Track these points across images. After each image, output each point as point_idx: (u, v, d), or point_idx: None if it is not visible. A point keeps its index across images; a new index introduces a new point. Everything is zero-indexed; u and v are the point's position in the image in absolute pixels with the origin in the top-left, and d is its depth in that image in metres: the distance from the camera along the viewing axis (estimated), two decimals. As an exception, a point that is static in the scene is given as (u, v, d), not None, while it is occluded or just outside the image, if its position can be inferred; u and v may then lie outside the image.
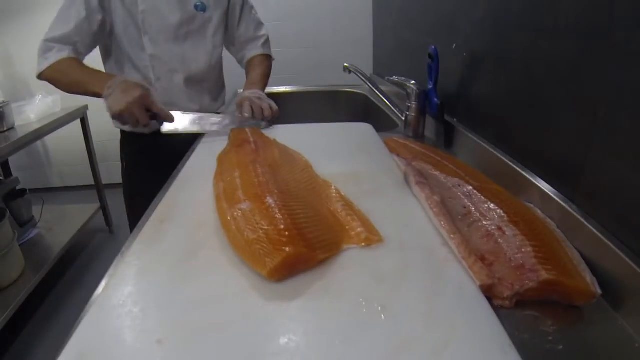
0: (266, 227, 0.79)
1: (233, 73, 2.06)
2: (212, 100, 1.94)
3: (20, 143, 2.59)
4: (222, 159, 1.23)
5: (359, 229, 0.84)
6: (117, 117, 1.37)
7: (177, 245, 0.83)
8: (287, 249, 0.72)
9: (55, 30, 1.56)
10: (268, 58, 2.00)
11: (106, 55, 1.76)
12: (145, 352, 0.58)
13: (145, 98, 1.37)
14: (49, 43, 1.55)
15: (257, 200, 0.88)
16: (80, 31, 1.57)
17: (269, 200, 0.86)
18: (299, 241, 0.74)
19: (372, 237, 0.82)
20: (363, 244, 0.81)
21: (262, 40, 1.98)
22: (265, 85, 1.88)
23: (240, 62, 2.04)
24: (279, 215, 0.81)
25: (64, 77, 1.55)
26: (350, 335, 0.59)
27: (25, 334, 2.51)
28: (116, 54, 1.71)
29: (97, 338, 0.61)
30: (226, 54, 2.00)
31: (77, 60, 1.58)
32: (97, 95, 1.44)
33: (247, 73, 1.93)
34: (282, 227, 0.77)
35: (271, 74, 1.97)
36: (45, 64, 1.54)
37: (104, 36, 1.66)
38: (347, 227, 0.86)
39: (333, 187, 1.01)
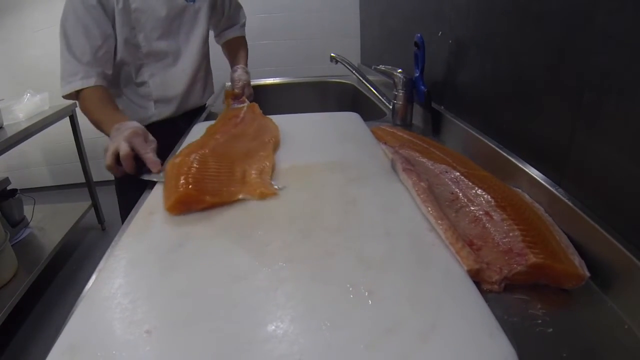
0: (179, 175, 0.98)
1: (222, 67, 2.07)
2: (203, 90, 1.96)
3: (10, 143, 2.57)
4: (208, 129, 1.42)
5: (256, 185, 1.00)
6: (106, 157, 1.21)
7: (165, 236, 0.84)
8: (180, 190, 0.92)
9: (76, 53, 1.51)
10: (245, 39, 2.16)
11: None
12: (135, 342, 0.58)
13: (134, 135, 1.22)
14: (75, 64, 1.51)
15: (188, 155, 1.08)
16: (101, 58, 1.55)
17: (193, 156, 1.07)
18: (192, 186, 0.94)
19: (266, 192, 0.97)
20: (257, 197, 0.96)
21: (241, 23, 2.12)
22: (247, 61, 2.07)
23: (216, 40, 2.15)
24: (193, 167, 1.02)
25: (89, 114, 1.52)
26: (337, 321, 0.59)
27: (20, 335, 2.50)
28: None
29: (87, 330, 0.61)
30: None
31: (101, 91, 1.54)
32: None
33: (230, 51, 2.11)
34: (188, 175, 0.98)
35: (260, 66, 2.01)
36: (68, 89, 1.52)
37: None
38: (251, 183, 1.02)
39: (269, 156, 1.15)
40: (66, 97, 1.57)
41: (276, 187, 1.00)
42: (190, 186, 0.94)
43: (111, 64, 1.61)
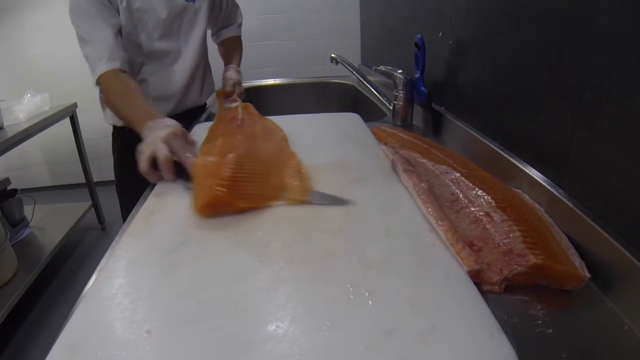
0: (213, 175, 0.94)
1: (221, 66, 2.07)
2: (201, 88, 1.97)
3: (10, 143, 2.57)
4: (212, 129, 1.39)
5: (293, 189, 0.98)
6: (141, 161, 1.10)
7: (166, 237, 0.84)
8: (214, 193, 0.88)
9: (97, 39, 1.49)
10: (240, 39, 2.17)
11: None
12: (135, 342, 0.58)
13: (174, 137, 1.12)
14: (98, 50, 1.48)
15: (223, 155, 1.02)
16: (121, 45, 1.54)
17: (229, 156, 1.01)
18: (228, 190, 0.90)
19: (298, 198, 0.94)
20: (289, 203, 0.94)
21: (238, 22, 2.13)
22: (240, 61, 2.09)
23: (213, 39, 2.16)
24: (229, 168, 0.96)
25: (114, 107, 1.48)
26: (338, 321, 0.59)
27: (20, 335, 2.50)
28: None
29: (87, 330, 0.61)
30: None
31: (126, 78, 1.49)
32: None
33: (225, 50, 2.13)
34: (222, 177, 0.93)
35: (260, 67, 2.02)
36: (98, 72, 1.47)
37: None
38: (287, 188, 0.99)
39: (296, 158, 1.13)
40: (98, 83, 1.51)
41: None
42: (224, 189, 0.90)
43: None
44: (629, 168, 0.70)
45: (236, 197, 0.90)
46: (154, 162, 1.09)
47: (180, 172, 1.08)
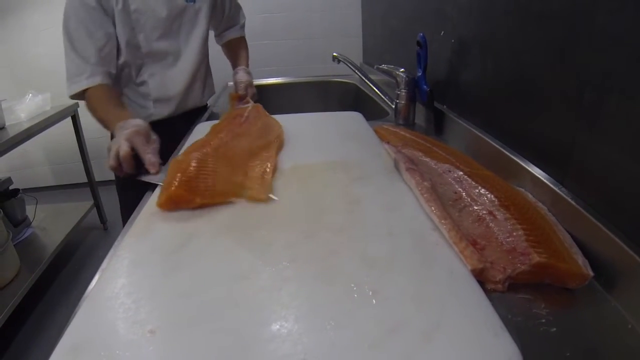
0: (175, 172, 0.99)
1: (223, 68, 2.07)
2: (202, 90, 1.97)
3: (12, 143, 2.57)
4: (213, 127, 1.40)
5: (253, 187, 1.01)
6: (109, 157, 1.20)
7: (168, 236, 0.84)
8: (171, 189, 0.93)
9: (81, 53, 1.52)
10: (245, 40, 2.18)
11: None
12: (138, 342, 0.58)
13: (136, 134, 1.22)
14: (80, 64, 1.53)
15: (189, 154, 1.09)
16: (106, 58, 1.57)
17: (193, 154, 1.07)
18: (184, 186, 0.94)
19: (259, 196, 0.96)
20: (249, 200, 0.96)
21: (241, 23, 2.13)
22: (248, 62, 2.09)
23: (217, 40, 2.16)
24: (190, 166, 1.01)
25: (95, 113, 1.53)
26: (341, 320, 0.59)
27: (22, 335, 2.50)
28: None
29: (90, 330, 0.61)
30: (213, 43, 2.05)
31: (106, 89, 1.57)
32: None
33: (231, 51, 2.14)
34: (182, 174, 0.98)
35: (261, 66, 2.02)
36: (75, 88, 1.54)
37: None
38: (248, 186, 1.02)
39: (270, 162, 1.12)
40: (73, 97, 1.57)
41: (272, 196, 0.98)
42: (181, 186, 0.94)
43: (115, 64, 1.61)
44: (630, 167, 0.70)
45: (195, 193, 0.95)
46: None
47: (141, 168, 1.19)
